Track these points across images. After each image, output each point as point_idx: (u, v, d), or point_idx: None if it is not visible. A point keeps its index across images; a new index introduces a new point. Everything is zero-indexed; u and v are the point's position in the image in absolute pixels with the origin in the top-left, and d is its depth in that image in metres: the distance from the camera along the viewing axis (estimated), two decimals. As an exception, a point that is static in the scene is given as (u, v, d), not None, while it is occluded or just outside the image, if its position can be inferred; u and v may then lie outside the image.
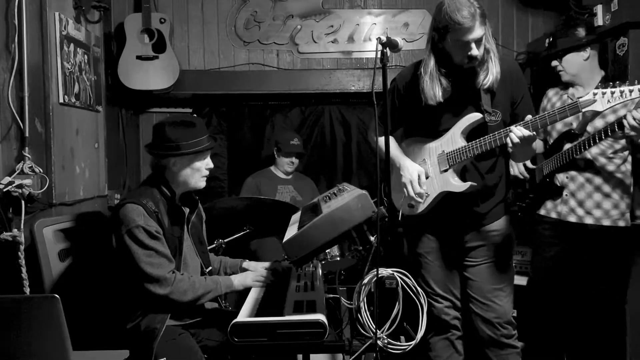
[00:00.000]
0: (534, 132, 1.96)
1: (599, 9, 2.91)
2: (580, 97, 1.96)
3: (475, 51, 2.01)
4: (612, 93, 1.89)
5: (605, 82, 2.55)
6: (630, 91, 1.88)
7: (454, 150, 2.14)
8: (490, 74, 2.07)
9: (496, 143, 2.06)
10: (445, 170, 2.17)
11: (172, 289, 1.96)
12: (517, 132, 1.95)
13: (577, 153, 2.52)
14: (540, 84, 3.47)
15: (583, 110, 1.93)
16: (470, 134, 2.14)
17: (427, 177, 2.21)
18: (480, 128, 2.12)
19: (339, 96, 3.95)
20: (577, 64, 2.63)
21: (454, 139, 2.15)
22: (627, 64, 2.74)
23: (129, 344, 2.07)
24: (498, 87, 2.11)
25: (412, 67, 2.28)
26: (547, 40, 3.16)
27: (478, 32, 1.98)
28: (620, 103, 1.91)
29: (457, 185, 2.15)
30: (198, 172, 2.12)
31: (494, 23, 3.88)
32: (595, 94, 1.90)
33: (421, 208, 2.24)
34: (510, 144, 1.97)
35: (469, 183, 2.13)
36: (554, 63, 2.69)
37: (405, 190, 2.18)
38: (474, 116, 2.11)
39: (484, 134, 2.09)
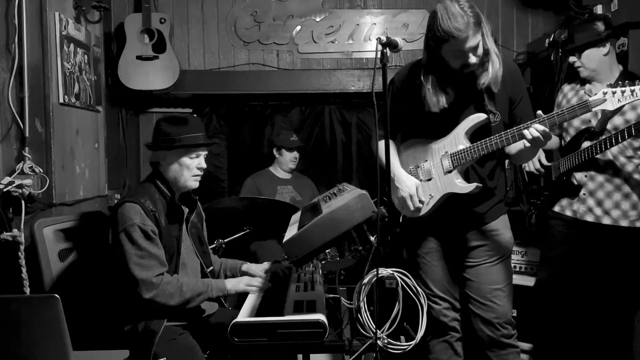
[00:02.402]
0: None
1: (599, 9, 2.91)
2: (590, 96, 1.95)
3: (472, 59, 1.98)
4: (623, 92, 1.87)
5: (624, 77, 2.50)
6: None
7: (458, 151, 2.12)
8: (487, 75, 2.05)
9: (501, 144, 2.04)
10: (450, 172, 2.15)
11: (158, 292, 1.95)
12: (539, 126, 1.92)
13: (598, 152, 2.47)
14: (540, 84, 3.47)
15: (593, 109, 1.91)
16: (474, 135, 2.13)
17: (430, 179, 2.20)
18: (483, 129, 2.11)
19: (339, 96, 3.95)
20: (597, 59, 2.56)
21: (457, 140, 2.13)
22: (627, 64, 2.74)
23: (128, 344, 2.07)
24: (497, 88, 2.10)
25: (408, 68, 2.25)
26: (550, 38, 3.14)
27: (473, 40, 1.95)
28: (630, 102, 1.89)
29: (462, 186, 2.13)
30: (187, 170, 2.11)
31: (494, 23, 3.87)
32: (605, 93, 1.88)
33: (424, 210, 2.22)
34: (529, 137, 1.94)
35: (474, 184, 2.11)
36: (572, 59, 2.61)
37: (405, 203, 2.17)
38: (479, 116, 2.10)
39: (486, 134, 2.08)
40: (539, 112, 1.98)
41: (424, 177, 2.21)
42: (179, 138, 2.08)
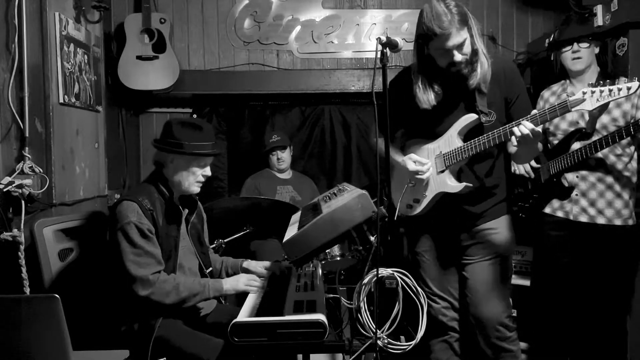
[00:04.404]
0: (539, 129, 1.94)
1: (599, 9, 2.91)
2: (569, 97, 1.95)
3: (457, 57, 2.00)
4: (602, 92, 1.88)
5: (602, 77, 2.57)
6: (619, 90, 1.86)
7: (450, 151, 2.15)
8: (475, 75, 2.06)
9: (490, 144, 2.05)
10: (442, 171, 2.17)
11: (154, 290, 1.95)
12: (528, 124, 1.93)
13: (590, 153, 2.50)
14: (540, 84, 3.47)
15: (572, 109, 1.92)
16: (468, 135, 2.14)
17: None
18: (477, 129, 2.12)
19: (339, 96, 3.95)
20: (592, 55, 2.64)
21: (451, 140, 2.15)
22: (627, 64, 2.74)
23: (127, 343, 2.07)
24: (492, 86, 2.10)
25: (404, 71, 2.28)
26: (550, 38, 3.15)
27: (457, 38, 1.97)
28: (608, 102, 1.89)
29: (452, 186, 2.15)
30: (193, 176, 2.12)
31: (494, 23, 3.88)
32: (584, 93, 1.89)
33: (419, 209, 2.24)
34: (519, 134, 1.94)
35: (463, 184, 2.13)
36: (577, 47, 2.62)
37: (415, 178, 2.18)
38: (470, 117, 2.12)
39: (481, 134, 2.09)
40: (535, 111, 1.98)
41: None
42: (191, 145, 2.07)
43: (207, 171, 2.16)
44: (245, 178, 3.73)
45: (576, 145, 2.58)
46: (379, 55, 1.85)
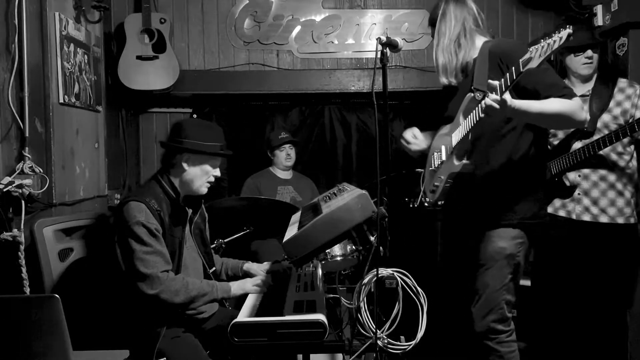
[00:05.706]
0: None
1: (599, 9, 2.91)
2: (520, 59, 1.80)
3: None
4: (542, 47, 1.72)
5: (599, 79, 2.60)
6: (554, 41, 1.70)
7: (455, 133, 2.13)
8: None
9: (471, 122, 1.98)
10: (451, 153, 2.14)
11: (163, 288, 1.94)
12: (491, 96, 1.84)
13: (592, 152, 2.49)
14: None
15: (523, 69, 1.76)
16: None
17: (442, 162, 2.19)
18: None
19: (339, 96, 3.95)
20: (597, 60, 2.61)
21: (458, 121, 2.12)
22: (627, 64, 2.75)
23: (129, 345, 2.07)
24: (492, 67, 2.04)
25: None
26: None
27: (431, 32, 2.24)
28: (546, 56, 1.73)
29: (455, 165, 2.10)
30: (205, 176, 2.13)
31: (494, 23, 3.87)
32: (531, 52, 1.75)
33: (436, 196, 2.20)
34: (483, 107, 1.87)
35: (463, 162, 2.07)
36: (590, 54, 2.58)
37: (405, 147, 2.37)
38: (467, 97, 2.06)
39: None
40: (489, 81, 1.88)
41: (439, 161, 2.22)
42: (207, 145, 2.09)
43: (217, 172, 2.18)
44: (245, 178, 3.73)
45: (577, 145, 2.58)
46: (379, 55, 1.85)
